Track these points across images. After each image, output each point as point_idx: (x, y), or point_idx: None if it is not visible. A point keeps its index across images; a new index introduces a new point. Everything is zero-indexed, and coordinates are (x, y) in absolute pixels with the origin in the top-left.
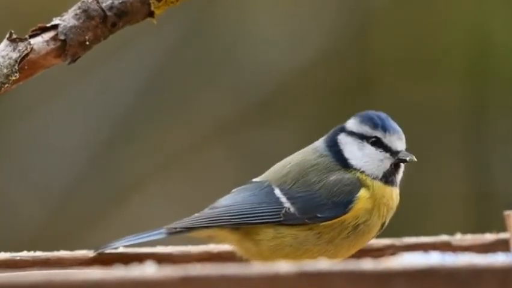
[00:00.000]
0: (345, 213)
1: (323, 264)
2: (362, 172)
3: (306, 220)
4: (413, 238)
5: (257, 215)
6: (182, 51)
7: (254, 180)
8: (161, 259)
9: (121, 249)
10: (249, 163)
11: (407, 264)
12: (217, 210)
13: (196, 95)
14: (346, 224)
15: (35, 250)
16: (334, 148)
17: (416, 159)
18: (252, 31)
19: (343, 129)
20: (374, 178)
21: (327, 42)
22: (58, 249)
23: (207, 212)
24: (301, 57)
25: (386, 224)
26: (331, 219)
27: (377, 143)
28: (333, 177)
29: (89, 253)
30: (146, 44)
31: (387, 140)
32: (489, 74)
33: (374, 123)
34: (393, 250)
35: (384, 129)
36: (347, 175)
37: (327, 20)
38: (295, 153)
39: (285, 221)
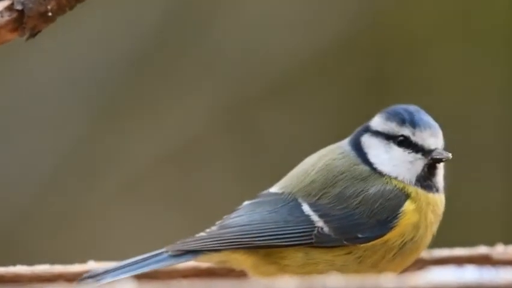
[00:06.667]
0: (389, 231)
1: (334, 281)
2: (395, 178)
3: (344, 242)
4: (445, 250)
5: (284, 236)
6: (170, 31)
7: (271, 191)
8: (141, 275)
9: (91, 263)
10: (253, 158)
11: (436, 281)
12: (230, 230)
13: (194, 82)
14: (391, 244)
15: None
16: (360, 151)
17: (451, 157)
18: (259, 12)
19: (368, 129)
20: (409, 184)
21: (343, 20)
22: (15, 264)
23: (216, 231)
24: (313, 37)
25: (435, 234)
26: (374, 240)
27: (405, 143)
28: (372, 190)
29: (51, 268)
30: (127, 21)
31: (417, 137)
32: None
33: (401, 119)
34: (421, 264)
35: (414, 124)
36: (388, 186)
37: None
38: (316, 155)
39: (318, 243)
